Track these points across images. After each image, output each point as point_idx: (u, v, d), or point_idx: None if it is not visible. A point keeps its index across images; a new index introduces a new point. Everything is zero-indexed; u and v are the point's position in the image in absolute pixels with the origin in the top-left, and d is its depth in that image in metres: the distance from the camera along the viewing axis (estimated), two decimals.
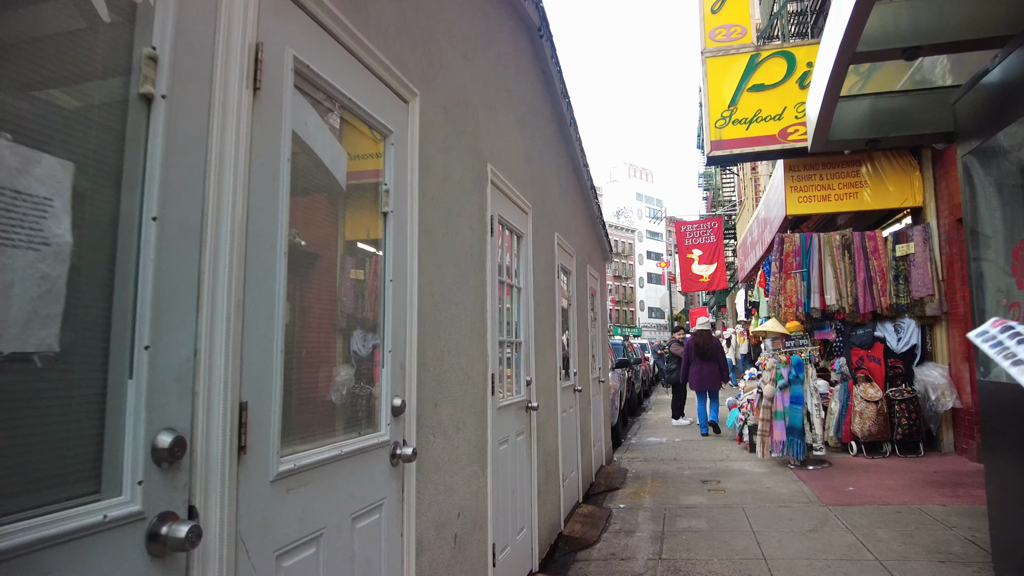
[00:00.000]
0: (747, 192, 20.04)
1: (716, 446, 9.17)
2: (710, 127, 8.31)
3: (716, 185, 37.47)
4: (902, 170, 8.19)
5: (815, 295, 8.29)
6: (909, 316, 8.07)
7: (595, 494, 6.55)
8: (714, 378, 10.39)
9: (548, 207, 5.01)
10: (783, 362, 7.49)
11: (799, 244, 8.49)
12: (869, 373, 7.88)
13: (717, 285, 23.23)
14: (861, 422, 7.64)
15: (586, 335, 6.90)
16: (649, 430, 11.29)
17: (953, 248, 7.61)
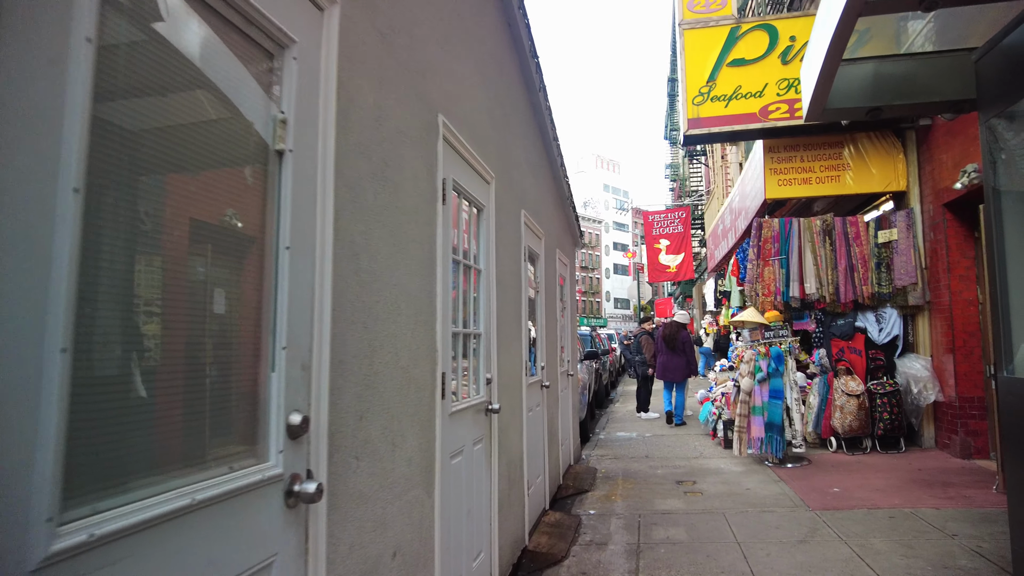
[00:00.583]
0: (716, 180, 19.73)
1: (688, 442, 8.73)
2: (687, 104, 7.80)
3: (683, 176, 37.44)
4: (885, 152, 7.81)
5: (794, 283, 7.88)
6: (891, 306, 7.71)
7: (563, 498, 6.01)
8: (680, 370, 10.36)
9: (515, 180, 4.41)
10: (762, 354, 7.05)
11: (778, 230, 8.07)
12: (850, 365, 7.50)
13: (684, 275, 23.03)
14: (842, 417, 7.26)
15: (555, 326, 6.34)
16: (618, 424, 10.83)
17: (938, 234, 7.25)
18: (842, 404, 7.27)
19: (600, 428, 10.43)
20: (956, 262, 7.07)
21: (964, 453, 6.84)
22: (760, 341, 7.17)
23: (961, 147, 6.68)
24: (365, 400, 1.93)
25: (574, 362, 7.96)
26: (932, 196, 7.37)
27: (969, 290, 7.02)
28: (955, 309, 7.03)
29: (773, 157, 8.05)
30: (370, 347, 1.99)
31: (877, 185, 7.80)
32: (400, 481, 2.16)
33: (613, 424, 10.83)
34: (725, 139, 8.47)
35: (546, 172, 6.02)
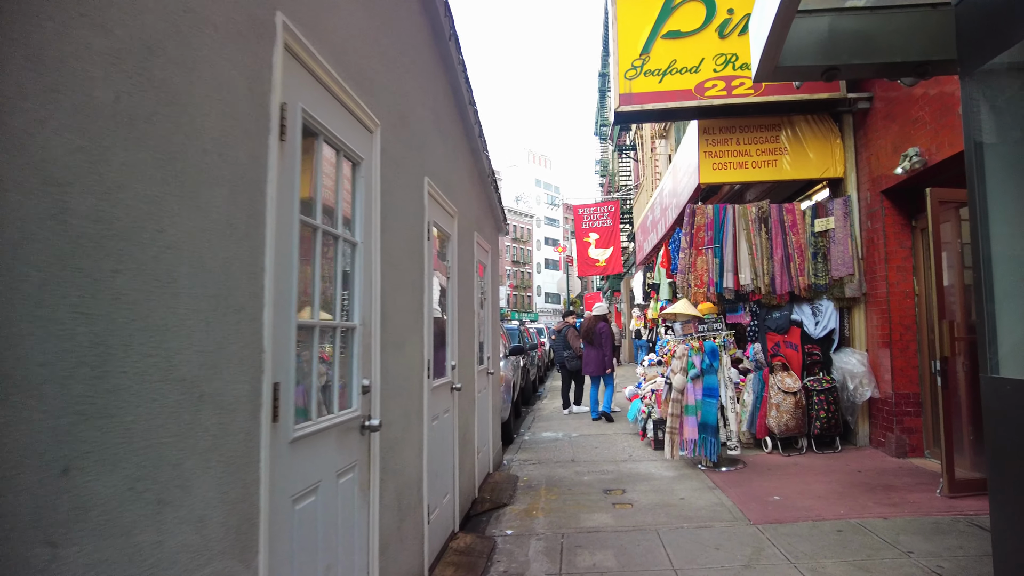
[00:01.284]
0: (645, 173, 19.47)
1: (617, 442, 8.17)
2: (619, 78, 7.18)
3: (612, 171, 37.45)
4: (823, 137, 7.44)
5: (728, 274, 7.41)
6: (828, 298, 7.36)
7: (478, 514, 5.27)
8: (596, 363, 10.17)
9: (415, 139, 3.61)
10: (695, 349, 6.52)
11: (712, 217, 7.58)
12: (786, 361, 7.09)
13: (613, 269, 22.82)
14: (778, 416, 6.83)
15: (472, 319, 5.58)
16: (544, 423, 10.20)
17: (875, 223, 6.91)
18: (778, 402, 6.84)
19: (526, 428, 9.76)
20: (893, 252, 6.75)
21: (899, 452, 6.52)
22: (694, 335, 6.64)
23: (901, 131, 6.33)
24: (95, 441, 1.11)
25: (496, 359, 7.23)
26: (869, 183, 7.04)
27: (906, 281, 6.72)
28: (892, 301, 6.71)
29: (708, 139, 7.55)
30: (102, 354, 1.16)
31: (815, 171, 7.42)
32: (168, 559, 1.34)
33: (539, 423, 10.18)
34: (659, 118, 7.93)
35: (461, 141, 5.24)
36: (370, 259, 2.77)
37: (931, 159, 5.81)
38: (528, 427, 9.84)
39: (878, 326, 6.90)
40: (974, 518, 4.54)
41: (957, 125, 5.41)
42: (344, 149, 2.52)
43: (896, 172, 6.21)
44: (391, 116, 3.12)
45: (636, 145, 24.70)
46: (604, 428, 9.33)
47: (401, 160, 3.30)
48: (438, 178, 4.19)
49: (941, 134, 5.66)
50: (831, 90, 6.99)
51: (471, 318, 5.52)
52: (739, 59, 7.02)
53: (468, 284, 5.40)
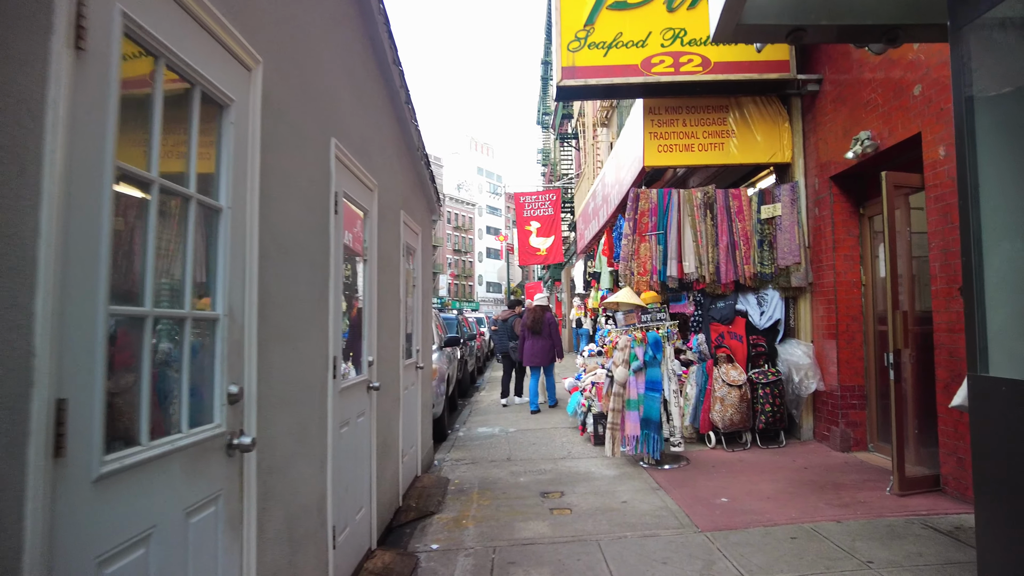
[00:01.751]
0: (587, 160, 19.17)
1: (555, 438, 7.75)
2: (561, 50, 6.69)
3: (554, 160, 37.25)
4: (771, 120, 7.16)
5: (672, 261, 7.07)
6: (773, 287, 7.11)
7: (402, 525, 4.73)
8: (544, 354, 10.00)
9: (315, 87, 3.00)
10: (638, 340, 6.13)
11: (656, 202, 7.21)
12: (731, 352, 6.80)
13: (554, 258, 22.51)
14: (722, 410, 6.53)
15: (397, 308, 5.00)
16: (481, 416, 9.70)
17: (823, 210, 6.68)
18: (722, 395, 6.55)
19: (461, 423, 9.24)
20: (841, 240, 6.53)
21: (844, 446, 6.33)
22: (636, 325, 6.25)
23: (851, 114, 6.08)
24: None
25: (427, 352, 6.67)
26: (817, 169, 6.80)
27: (853, 271, 6.51)
28: (839, 291, 6.49)
29: (654, 120, 7.16)
30: None
31: (762, 155, 7.13)
32: None
33: (476, 417, 9.68)
34: (603, 94, 7.48)
35: (383, 106, 4.64)
36: (243, 231, 2.18)
37: (883, 143, 5.57)
38: (464, 422, 9.33)
39: (824, 316, 6.69)
40: (927, 519, 4.30)
41: (911, 107, 5.16)
42: (203, 84, 1.91)
43: (847, 157, 5.96)
44: (280, 55, 2.51)
45: (578, 133, 24.43)
46: (542, 422, 8.91)
47: (294, 112, 2.70)
48: (351, 143, 3.59)
49: (894, 117, 5.41)
50: (780, 71, 6.70)
51: (396, 307, 4.95)
52: (687, 34, 6.64)
53: (392, 269, 4.82)
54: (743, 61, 6.68)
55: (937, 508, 4.50)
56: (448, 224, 74.77)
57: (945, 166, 4.77)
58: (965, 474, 4.60)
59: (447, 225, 74.22)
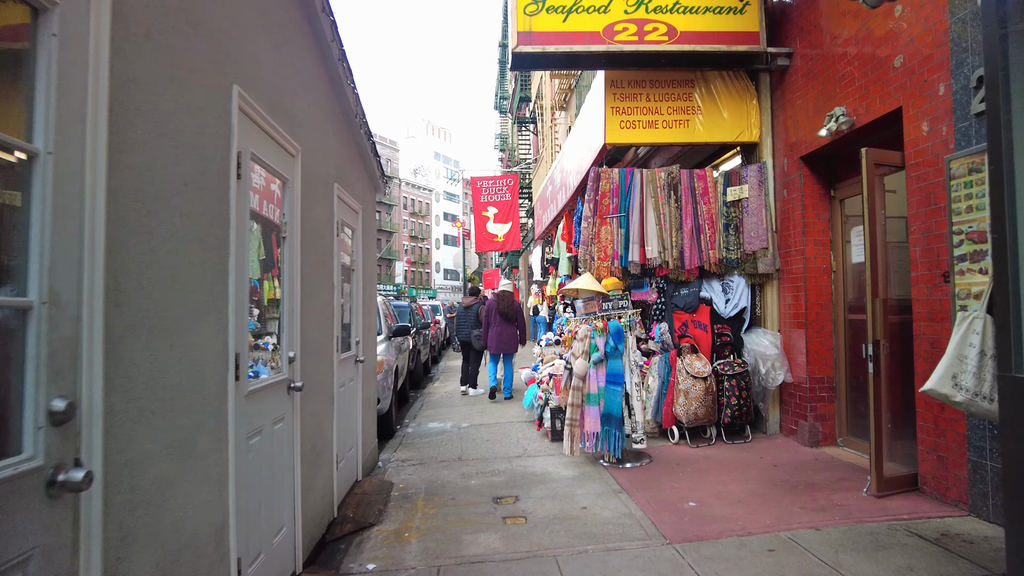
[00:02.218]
0: (545, 144, 18.69)
1: (510, 433, 7.28)
2: (518, 14, 6.13)
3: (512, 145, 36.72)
4: (739, 97, 6.77)
5: (634, 245, 6.64)
6: (739, 273, 6.75)
7: (338, 539, 4.18)
8: (513, 340, 9.88)
9: (202, 11, 2.40)
10: (599, 330, 5.68)
11: (618, 182, 6.75)
12: (695, 342, 6.42)
13: (511, 245, 22.04)
14: (687, 403, 6.15)
15: (329, 293, 4.42)
16: (433, 410, 9.17)
17: (792, 192, 6.33)
18: (687, 388, 6.16)
19: (411, 418, 8.69)
20: (811, 224, 6.19)
21: (812, 441, 6.03)
22: (597, 314, 5.80)
23: (824, 90, 5.72)
24: None
25: (370, 343, 6.09)
26: (786, 149, 6.45)
27: (823, 256, 6.18)
28: (809, 278, 6.16)
29: (616, 94, 6.69)
30: None
31: (729, 134, 6.75)
32: None
33: (428, 410, 9.14)
34: (562, 63, 6.95)
35: (311, 58, 4.02)
36: (79, 188, 1.60)
37: (859, 119, 5.21)
38: (414, 416, 8.78)
39: (792, 305, 6.36)
40: (910, 524, 3.97)
41: (891, 80, 4.81)
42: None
43: (820, 134, 5.60)
44: None
45: (536, 117, 23.94)
46: (497, 416, 8.43)
47: (176, 41, 2.11)
48: (263, 96, 2.99)
49: (871, 91, 5.05)
50: (750, 42, 6.30)
51: (328, 294, 4.36)
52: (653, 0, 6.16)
53: (324, 250, 4.23)
54: (711, 32, 6.25)
55: (919, 511, 4.17)
56: (404, 210, 73.47)
57: (928, 143, 4.43)
58: (946, 473, 4.29)
59: (403, 211, 72.93)
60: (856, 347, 5.98)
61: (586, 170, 7.69)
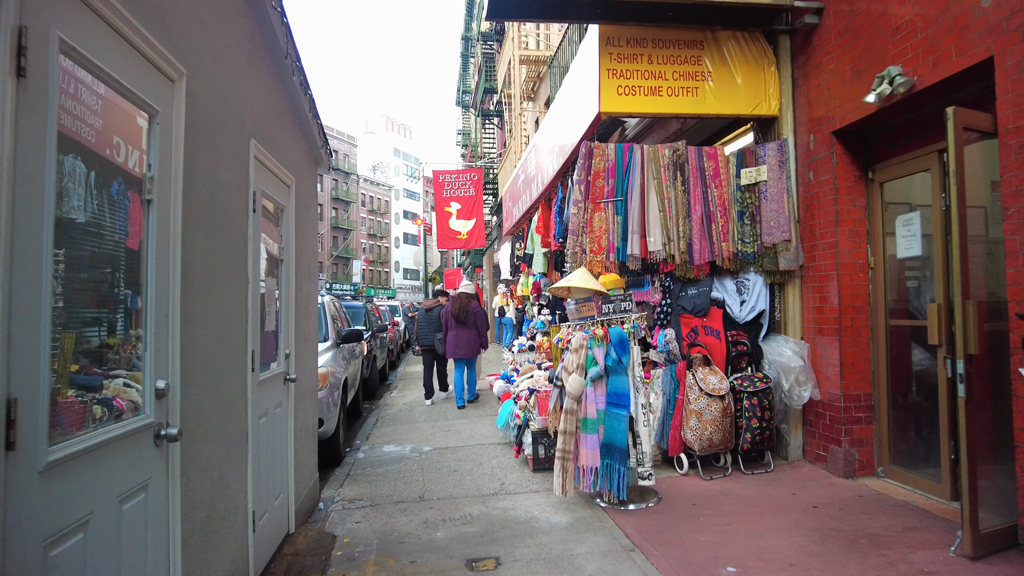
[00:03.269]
0: (513, 133, 17.56)
1: (483, 459, 6.10)
2: None
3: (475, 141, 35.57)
4: (755, 63, 5.73)
5: (634, 236, 5.53)
6: (756, 270, 5.71)
7: None
8: (470, 345, 9.30)
9: None
10: (598, 338, 4.54)
11: (614, 160, 5.63)
12: (707, 352, 5.34)
13: (476, 243, 20.86)
14: (700, 427, 5.06)
15: (240, 290, 3.16)
16: (389, 427, 7.91)
17: (822, 175, 5.31)
18: (700, 409, 5.07)
19: (363, 438, 7.42)
20: (845, 212, 5.18)
21: (847, 470, 5.02)
22: (596, 319, 4.65)
23: (869, 48, 4.70)
24: None
25: (307, 355, 4.82)
26: (811, 123, 5.43)
27: (859, 250, 5.18)
28: (843, 276, 5.14)
29: (613, 54, 5.57)
30: None
31: (744, 105, 5.70)
32: None
33: (383, 428, 7.88)
34: (547, 12, 5.69)
35: None
36: None
37: (923, 79, 4.20)
38: (367, 435, 7.51)
39: (819, 307, 5.35)
40: None
41: (975, 25, 3.80)
42: None
43: (867, 100, 4.57)
44: None
45: (503, 107, 22.80)
46: (465, 435, 7.22)
47: None
48: None
49: (943, 42, 4.04)
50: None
51: (237, 291, 3.11)
52: None
53: (228, 228, 2.98)
54: None
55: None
56: (363, 207, 71.44)
57: None
58: None
59: (362, 208, 70.90)
60: (899, 358, 5.00)
61: (571, 149, 6.57)
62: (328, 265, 61.91)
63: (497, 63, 24.33)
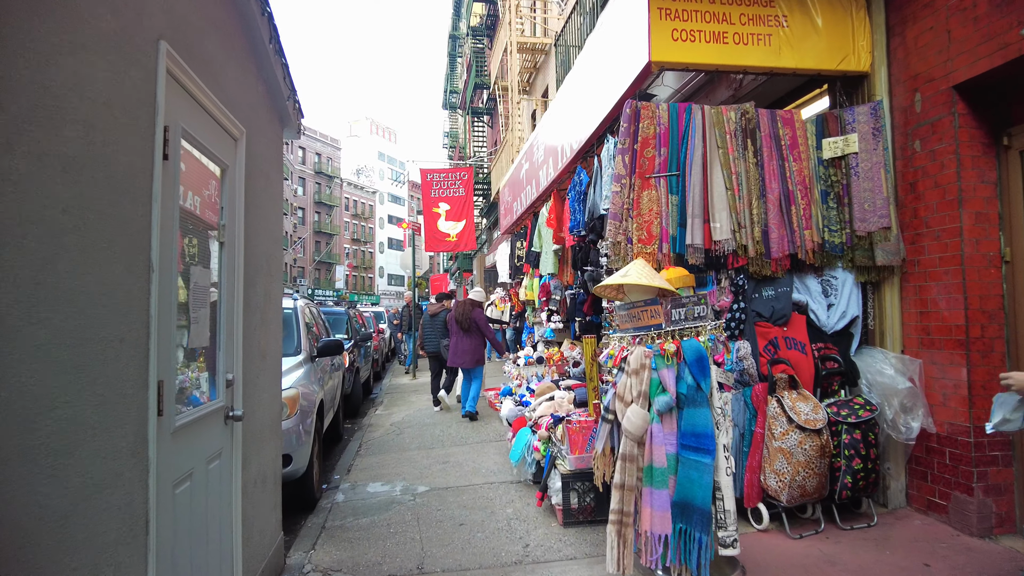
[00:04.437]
0: (510, 124, 16.34)
1: (495, 506, 4.83)
2: None
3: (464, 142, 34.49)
4: (839, 5, 4.55)
5: (694, 221, 4.28)
6: (844, 266, 4.51)
7: None
8: (470, 354, 8.81)
9: None
10: (667, 355, 3.29)
11: (667, 124, 4.40)
12: (793, 371, 4.12)
13: (465, 246, 19.59)
14: (790, 470, 3.82)
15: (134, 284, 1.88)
16: (375, 456, 6.61)
17: (937, 143, 4.12)
18: (790, 446, 3.84)
19: (342, 471, 6.12)
20: (971, 190, 4.00)
21: (982, 527, 3.81)
22: (664, 328, 3.40)
23: None
24: None
25: (265, 377, 3.52)
26: (915, 79, 4.25)
27: (990, 239, 3.99)
28: (969, 272, 3.95)
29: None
30: None
31: (828, 59, 4.51)
32: None
33: (368, 458, 6.58)
34: None
35: None
36: None
37: None
38: (348, 466, 6.21)
39: (928, 313, 4.16)
40: None
41: None
42: None
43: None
44: None
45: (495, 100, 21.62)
46: (468, 466, 5.93)
47: None
48: None
49: None
50: None
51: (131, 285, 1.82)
52: None
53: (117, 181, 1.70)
54: None
55: None
56: (346, 212, 69.82)
57: None
58: None
59: (345, 213, 69.29)
60: None
61: (601, 118, 5.34)
62: (311, 270, 60.32)
63: (488, 57, 23.24)
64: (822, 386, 4.28)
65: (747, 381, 4.17)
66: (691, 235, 4.25)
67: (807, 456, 3.80)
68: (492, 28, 22.87)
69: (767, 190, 4.38)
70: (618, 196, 4.33)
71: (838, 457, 3.96)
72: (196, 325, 2.49)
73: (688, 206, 4.28)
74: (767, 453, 3.93)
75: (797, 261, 4.47)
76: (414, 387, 12.31)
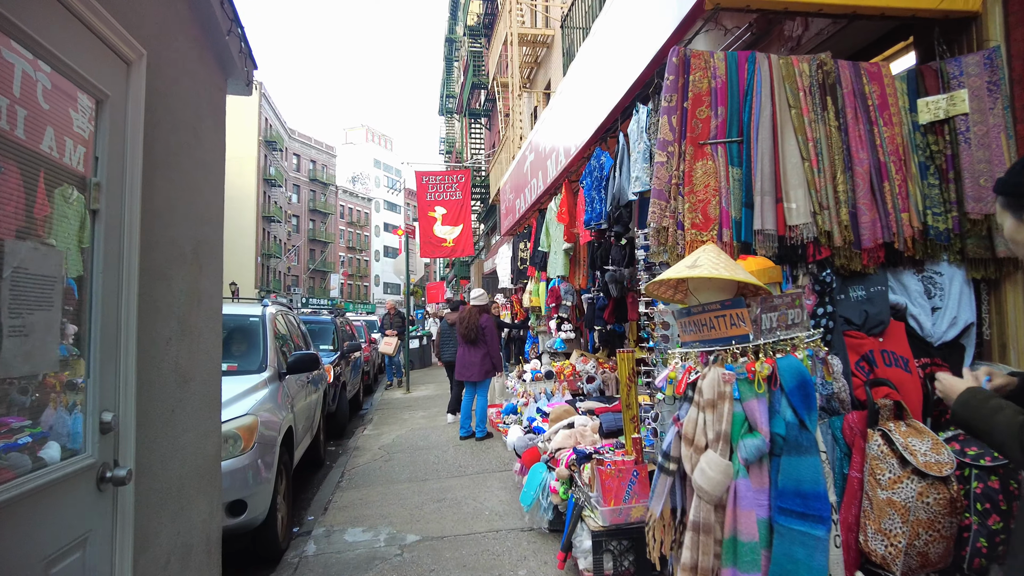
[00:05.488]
0: (511, 119, 15.41)
1: (504, 566, 3.82)
2: None
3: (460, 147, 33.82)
4: None
5: (765, 200, 3.30)
6: (950, 259, 3.53)
7: None
8: (476, 367, 8.14)
9: None
10: (755, 382, 2.30)
11: (724, 77, 3.42)
12: (900, 398, 3.12)
13: (463, 251, 18.75)
14: (908, 531, 2.82)
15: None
16: (358, 491, 5.59)
17: None
18: (905, 499, 2.84)
19: (318, 510, 5.10)
20: None
21: None
22: (753, 343, 2.41)
23: None
24: None
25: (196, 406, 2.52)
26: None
27: None
28: None
29: None
30: None
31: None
32: None
33: (349, 492, 5.56)
34: None
35: None
36: None
37: None
38: (326, 504, 5.19)
39: None
40: None
41: None
42: None
43: None
44: None
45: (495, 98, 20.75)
46: (468, 509, 4.92)
47: None
48: None
49: None
50: None
51: None
52: None
53: None
54: None
55: None
56: (341, 219, 68.84)
57: None
58: None
59: (340, 220, 68.30)
60: None
61: (635, 79, 4.40)
62: (305, 279, 59.31)
63: (486, 57, 22.41)
64: (932, 415, 3.29)
65: (836, 408, 3.18)
66: (760, 218, 3.27)
67: (930, 513, 2.80)
68: (490, 27, 22.07)
69: (854, 161, 3.41)
70: (663, 168, 3.35)
71: (967, 512, 2.96)
72: (26, 338, 1.50)
73: (756, 181, 3.30)
74: (871, 507, 2.94)
75: (891, 252, 3.49)
76: (407, 402, 11.30)
